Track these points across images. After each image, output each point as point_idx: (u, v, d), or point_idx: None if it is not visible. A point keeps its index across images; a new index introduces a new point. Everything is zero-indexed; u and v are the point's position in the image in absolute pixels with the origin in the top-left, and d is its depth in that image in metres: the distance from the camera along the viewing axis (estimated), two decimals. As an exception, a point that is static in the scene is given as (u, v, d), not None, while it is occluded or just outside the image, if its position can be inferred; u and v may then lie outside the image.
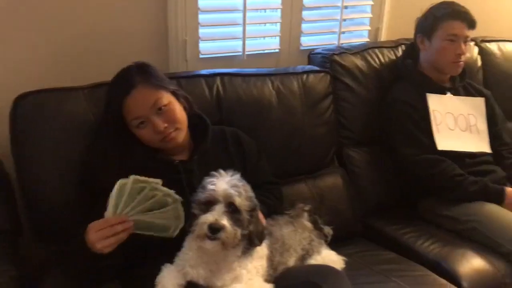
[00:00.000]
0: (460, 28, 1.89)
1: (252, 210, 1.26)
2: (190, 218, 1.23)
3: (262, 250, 1.33)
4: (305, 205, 1.64)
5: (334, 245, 1.59)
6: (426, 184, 1.86)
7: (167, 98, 1.39)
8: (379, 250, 1.74)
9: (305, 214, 1.61)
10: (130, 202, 1.23)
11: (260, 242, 1.30)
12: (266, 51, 2.08)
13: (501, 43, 2.40)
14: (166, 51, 1.86)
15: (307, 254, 1.50)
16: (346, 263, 1.54)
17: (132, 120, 1.37)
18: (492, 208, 1.74)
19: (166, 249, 1.30)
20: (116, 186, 1.22)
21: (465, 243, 1.70)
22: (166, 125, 1.36)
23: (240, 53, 2.00)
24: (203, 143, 1.47)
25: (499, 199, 1.76)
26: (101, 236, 1.19)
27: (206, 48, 1.93)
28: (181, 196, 1.27)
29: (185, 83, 1.68)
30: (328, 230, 1.64)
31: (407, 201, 1.94)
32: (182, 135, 1.41)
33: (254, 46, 2.04)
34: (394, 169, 1.96)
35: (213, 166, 1.28)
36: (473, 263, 1.61)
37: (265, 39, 2.10)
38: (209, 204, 1.22)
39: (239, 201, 1.22)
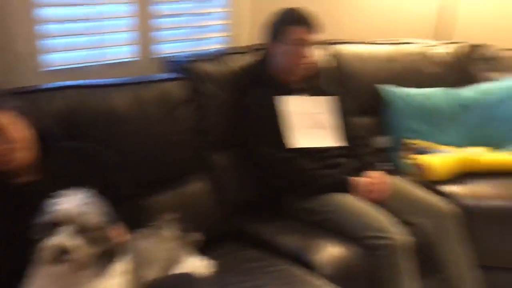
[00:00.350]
0: (302, 32, 2.01)
1: (103, 228, 1.23)
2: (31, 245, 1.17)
3: (124, 266, 1.31)
4: (171, 214, 1.65)
5: (206, 249, 1.61)
6: (284, 181, 1.95)
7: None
8: (246, 249, 1.79)
9: (172, 224, 1.62)
10: None
11: (116, 259, 1.28)
12: (121, 60, 2.04)
13: (353, 45, 2.59)
14: (8, 64, 1.75)
15: (172, 264, 1.51)
16: (217, 265, 1.57)
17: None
18: (344, 198, 1.89)
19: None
20: None
21: (322, 232, 1.82)
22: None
23: (94, 63, 1.94)
24: (50, 161, 1.41)
25: (347, 189, 1.91)
26: None
27: (56, 59, 1.85)
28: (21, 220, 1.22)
29: (32, 98, 1.60)
30: (196, 236, 1.66)
31: (271, 198, 2.02)
32: (22, 155, 1.34)
33: (109, 55, 1.99)
34: (255, 169, 2.03)
35: (65, 185, 1.24)
36: (330, 251, 1.72)
37: (121, 48, 2.05)
38: (54, 226, 1.17)
39: (87, 219, 1.19)
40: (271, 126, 1.97)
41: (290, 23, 2.03)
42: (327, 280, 1.60)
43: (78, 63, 1.92)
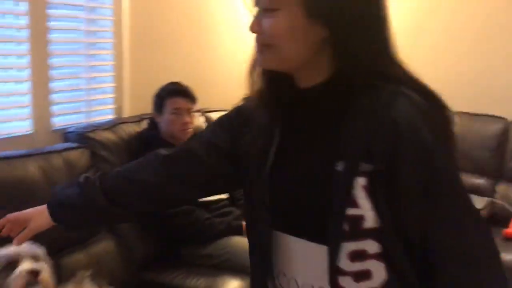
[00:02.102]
0: (182, 102, 2.36)
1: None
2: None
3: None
4: (85, 271, 1.78)
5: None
6: (186, 231, 2.20)
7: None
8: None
9: (87, 280, 1.75)
10: None
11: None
12: (17, 134, 2.14)
13: (221, 112, 2.98)
14: None
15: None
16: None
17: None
18: (238, 240, 2.21)
19: None
20: None
21: (223, 272, 2.10)
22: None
23: (-7, 138, 2.02)
24: None
25: (240, 232, 2.24)
26: None
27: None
28: None
29: None
30: (111, 290, 1.81)
31: (173, 250, 2.24)
32: None
33: (5, 129, 2.08)
34: (157, 225, 2.24)
35: None
36: (233, 285, 2.02)
37: (16, 122, 2.15)
38: (10, 265, 1.31)
39: (36, 252, 1.36)
40: None
41: (173, 95, 2.36)
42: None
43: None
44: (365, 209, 0.82)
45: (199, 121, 2.80)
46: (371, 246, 0.84)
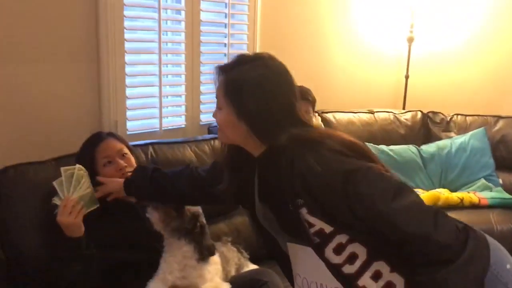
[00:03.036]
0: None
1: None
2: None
3: (216, 258, 1.85)
4: (227, 238, 2.21)
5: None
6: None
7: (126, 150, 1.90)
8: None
9: (229, 244, 2.17)
10: (69, 185, 1.69)
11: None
12: (175, 127, 2.67)
13: (334, 113, 3.33)
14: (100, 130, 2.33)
15: (240, 267, 2.05)
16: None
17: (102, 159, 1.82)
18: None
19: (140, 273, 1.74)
20: (58, 180, 1.68)
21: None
22: (126, 165, 1.84)
23: (158, 129, 2.55)
24: None
25: None
26: (65, 213, 1.61)
27: (132, 126, 2.45)
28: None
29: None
30: (245, 254, 2.21)
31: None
32: None
33: (167, 123, 2.62)
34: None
35: None
36: None
37: (175, 118, 2.69)
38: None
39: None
40: None
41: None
42: None
43: (147, 129, 2.52)
44: (318, 224, 1.21)
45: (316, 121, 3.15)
46: (342, 238, 1.20)
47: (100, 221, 1.74)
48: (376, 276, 1.18)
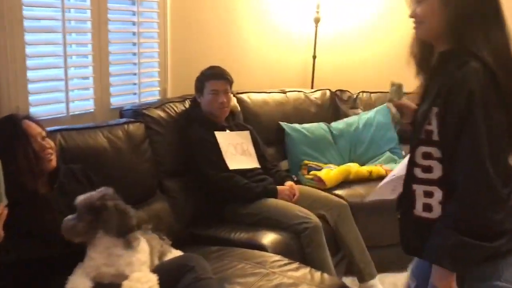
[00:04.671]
0: (219, 84, 2.67)
1: None
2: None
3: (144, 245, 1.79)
4: (148, 225, 2.13)
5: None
6: (227, 194, 2.55)
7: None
8: (208, 247, 2.32)
9: (150, 231, 2.10)
10: None
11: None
12: (84, 112, 2.50)
13: (249, 94, 3.34)
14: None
15: (163, 254, 1.99)
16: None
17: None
18: (272, 201, 2.54)
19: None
20: None
21: (262, 227, 2.43)
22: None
23: (65, 114, 2.38)
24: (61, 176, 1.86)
25: (275, 195, 2.58)
26: None
27: (36, 112, 2.25)
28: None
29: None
30: (167, 240, 2.16)
31: (217, 210, 2.60)
32: (54, 160, 1.82)
33: (75, 107, 2.44)
34: (203, 188, 2.60)
35: (69, 197, 1.72)
36: (270, 237, 2.35)
37: (83, 102, 2.52)
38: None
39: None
40: (211, 154, 2.58)
41: (211, 78, 2.69)
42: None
43: (53, 114, 2.34)
44: (434, 127, 1.31)
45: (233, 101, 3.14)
46: (435, 152, 1.32)
47: (12, 214, 1.59)
48: (429, 195, 1.35)
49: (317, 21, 3.81)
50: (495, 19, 1.33)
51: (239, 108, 3.17)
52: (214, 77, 2.70)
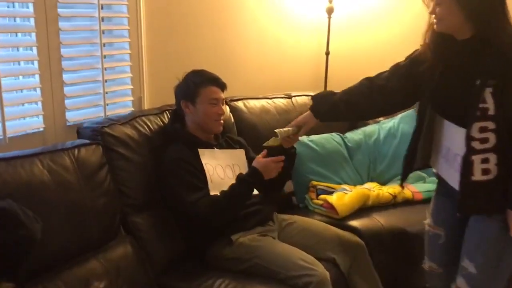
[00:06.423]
0: (217, 92, 2.16)
1: None
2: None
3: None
4: (99, 282, 1.63)
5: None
6: (211, 222, 1.99)
7: None
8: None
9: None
10: None
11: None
12: (29, 132, 2.00)
13: (245, 101, 2.79)
14: None
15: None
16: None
17: None
18: (267, 243, 2.00)
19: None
20: None
21: (251, 278, 1.90)
22: None
23: (1, 137, 1.88)
24: None
25: (259, 176, 2.06)
26: None
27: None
28: None
29: None
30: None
31: (195, 253, 2.07)
32: None
33: (15, 127, 1.94)
34: (179, 223, 2.08)
35: None
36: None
37: (27, 119, 2.01)
38: None
39: None
40: (194, 176, 2.03)
41: (207, 84, 2.15)
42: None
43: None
44: (489, 104, 1.52)
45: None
46: (490, 125, 1.53)
47: None
48: (486, 161, 1.56)
49: (330, 11, 3.22)
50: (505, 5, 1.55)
51: (232, 120, 2.63)
52: (213, 82, 2.16)
